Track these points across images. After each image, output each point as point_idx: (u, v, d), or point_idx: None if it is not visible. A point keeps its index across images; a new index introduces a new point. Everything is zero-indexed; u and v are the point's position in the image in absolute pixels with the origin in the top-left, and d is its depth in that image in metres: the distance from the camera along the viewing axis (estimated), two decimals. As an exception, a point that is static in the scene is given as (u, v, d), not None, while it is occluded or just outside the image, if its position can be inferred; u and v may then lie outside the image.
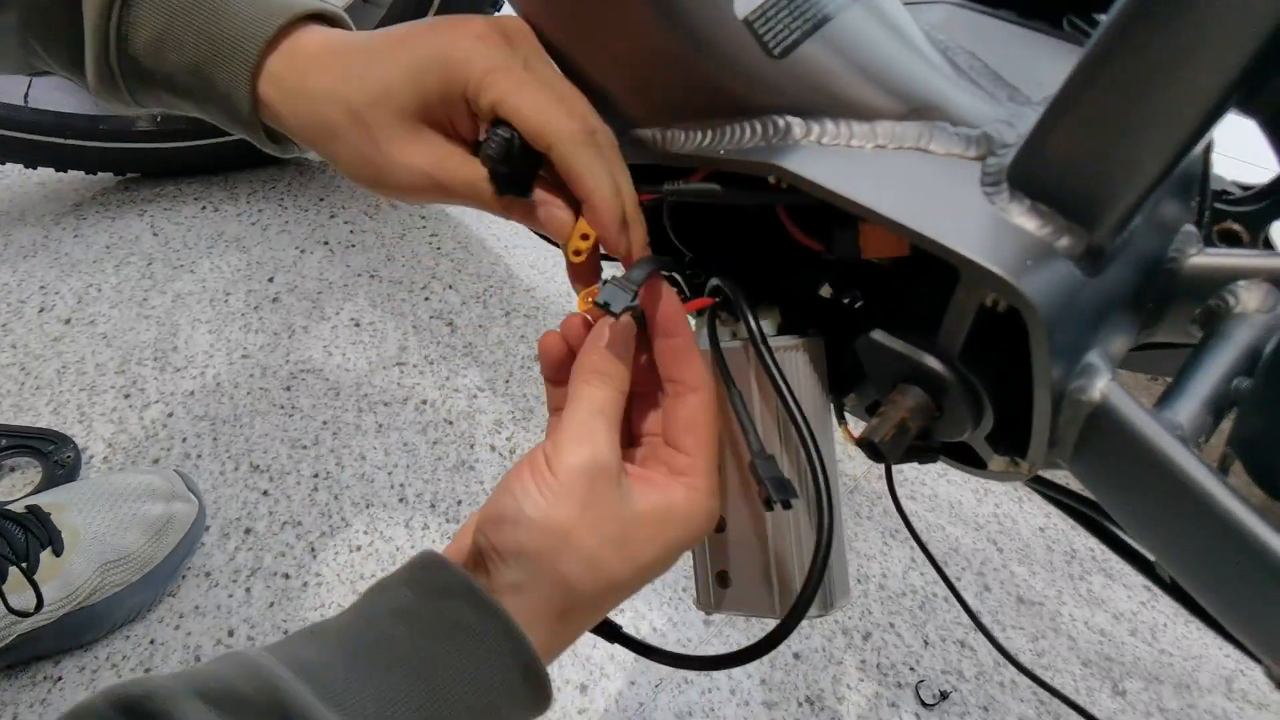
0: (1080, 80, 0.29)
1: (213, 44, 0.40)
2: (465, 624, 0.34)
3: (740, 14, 0.35)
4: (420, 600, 0.34)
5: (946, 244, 0.31)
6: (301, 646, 0.32)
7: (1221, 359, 0.33)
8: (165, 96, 0.42)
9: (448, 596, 0.34)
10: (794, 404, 0.39)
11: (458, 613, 0.34)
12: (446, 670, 0.33)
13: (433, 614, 0.34)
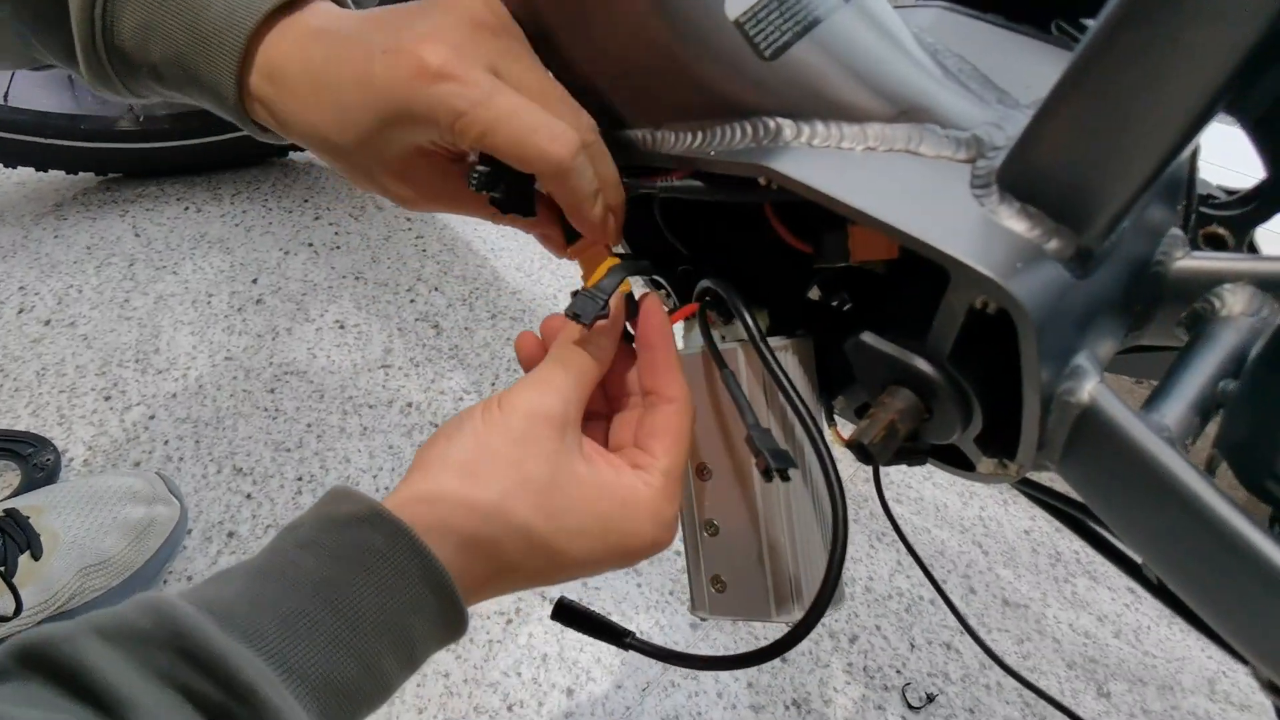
0: (1069, 84, 0.30)
1: (196, 35, 0.39)
2: (371, 546, 0.33)
3: (731, 15, 0.35)
4: (325, 529, 0.33)
5: (936, 246, 0.31)
6: (207, 586, 0.31)
7: (1208, 362, 0.33)
8: (153, 85, 0.42)
9: (353, 522, 0.33)
10: (796, 396, 0.39)
11: (363, 536, 0.33)
12: (353, 591, 0.32)
13: (337, 539, 0.33)
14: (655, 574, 0.84)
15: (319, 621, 0.31)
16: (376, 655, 0.32)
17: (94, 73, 0.41)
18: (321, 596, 0.31)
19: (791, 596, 0.42)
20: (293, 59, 0.39)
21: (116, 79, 0.41)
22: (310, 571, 0.32)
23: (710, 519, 0.44)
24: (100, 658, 0.26)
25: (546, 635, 0.78)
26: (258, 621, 0.29)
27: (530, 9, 0.39)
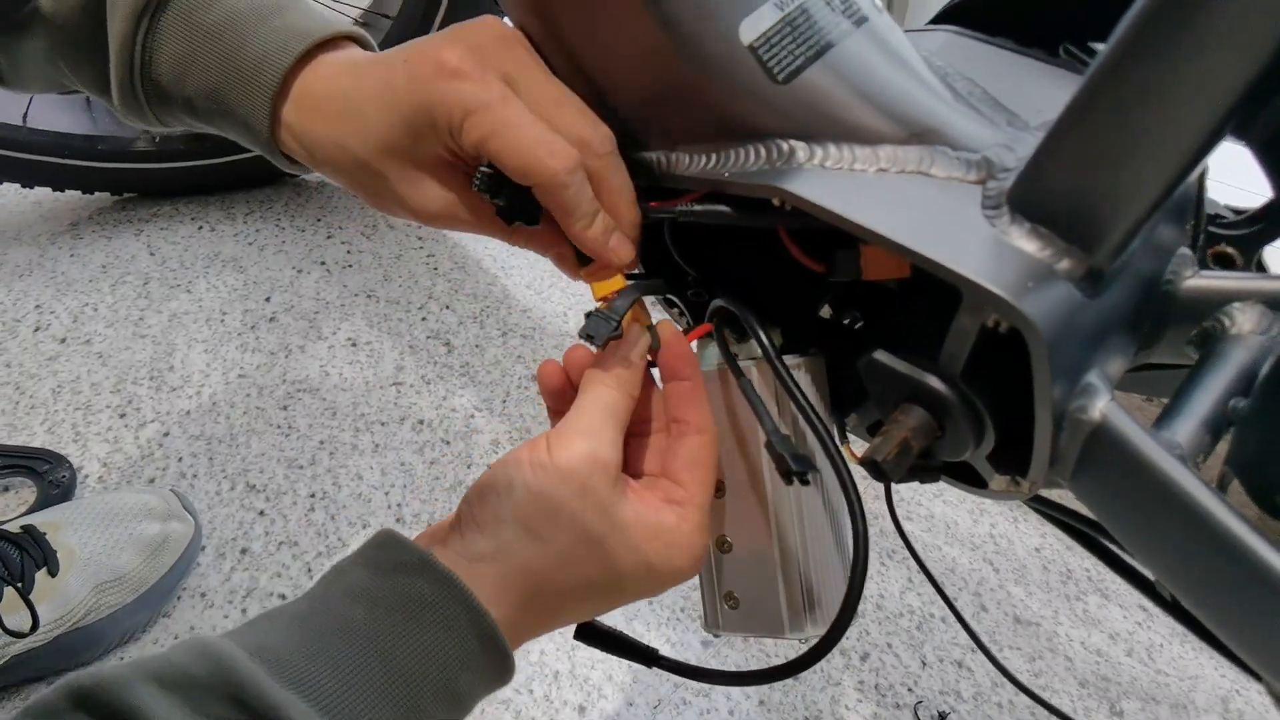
0: (1079, 107, 0.30)
1: (233, 72, 0.40)
2: (422, 598, 0.33)
3: (745, 40, 0.35)
4: (376, 578, 0.34)
5: (949, 266, 0.31)
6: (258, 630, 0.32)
7: (1218, 379, 0.33)
8: (186, 118, 0.43)
9: (404, 572, 0.34)
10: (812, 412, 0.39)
11: (414, 587, 0.33)
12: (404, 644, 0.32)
13: (388, 590, 0.33)
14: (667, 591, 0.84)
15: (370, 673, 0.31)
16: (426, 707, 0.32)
17: (127, 103, 0.42)
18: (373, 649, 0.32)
19: (805, 614, 0.42)
20: (323, 86, 0.40)
21: (149, 109, 0.43)
22: (361, 623, 0.32)
23: (724, 536, 0.44)
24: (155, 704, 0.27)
25: (558, 652, 0.78)
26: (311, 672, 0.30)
27: (550, 33, 0.40)
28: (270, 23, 0.41)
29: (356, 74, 0.40)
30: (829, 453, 0.38)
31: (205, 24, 0.41)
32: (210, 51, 0.40)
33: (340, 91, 0.40)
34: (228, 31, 0.40)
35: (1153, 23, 0.27)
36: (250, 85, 0.40)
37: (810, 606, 0.43)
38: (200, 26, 0.41)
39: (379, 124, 0.38)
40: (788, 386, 0.39)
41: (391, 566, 0.34)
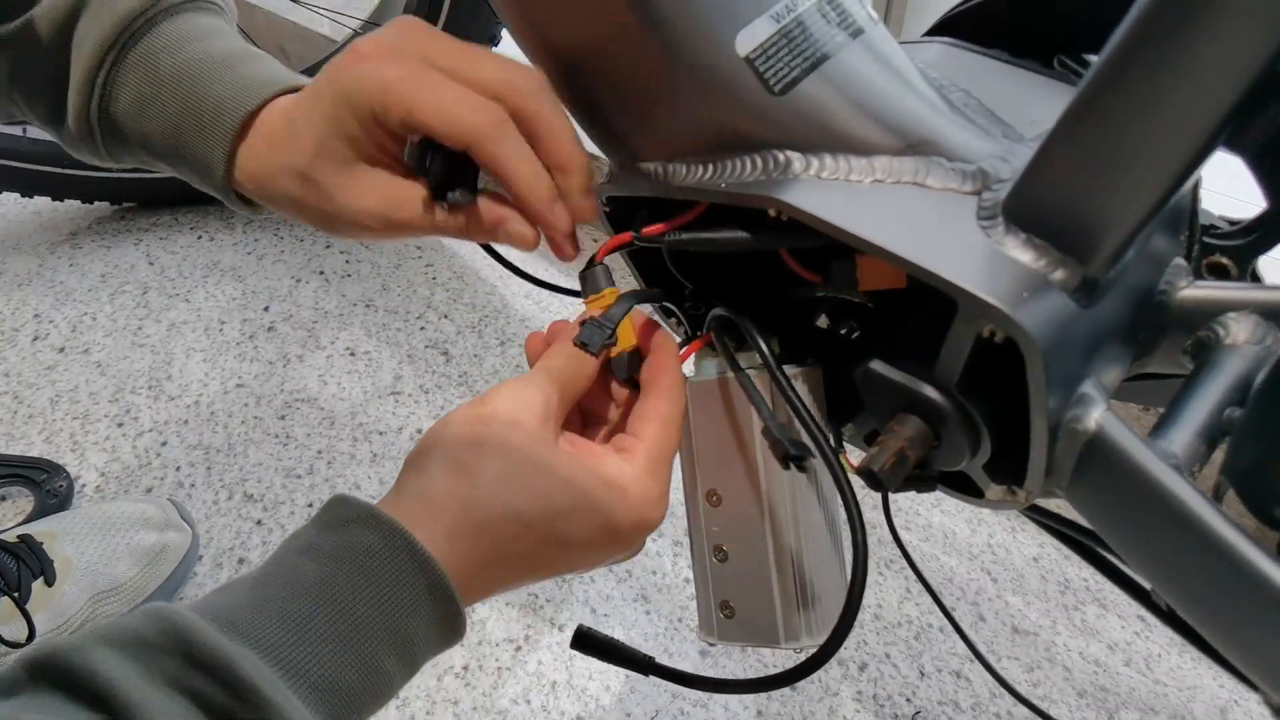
0: (1073, 119, 0.30)
1: (193, 115, 0.42)
2: (369, 548, 0.33)
3: (742, 52, 0.36)
4: (324, 533, 0.34)
5: (945, 276, 0.31)
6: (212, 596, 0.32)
7: (1213, 389, 0.34)
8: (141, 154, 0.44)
9: (351, 525, 0.34)
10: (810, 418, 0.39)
11: (361, 538, 0.33)
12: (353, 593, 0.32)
13: (336, 543, 0.34)
14: (664, 601, 0.84)
15: (320, 622, 0.31)
16: (377, 655, 0.32)
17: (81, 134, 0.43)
18: (322, 598, 0.32)
19: (800, 624, 0.42)
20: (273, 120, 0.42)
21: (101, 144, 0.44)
22: (310, 575, 0.32)
23: (720, 544, 0.44)
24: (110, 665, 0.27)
25: (555, 663, 0.78)
26: (260, 625, 0.30)
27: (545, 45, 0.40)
28: (235, 70, 0.42)
29: (297, 99, 0.41)
30: (827, 460, 0.38)
31: (170, 67, 0.42)
32: (173, 94, 0.42)
33: (286, 119, 0.41)
34: (192, 77, 0.42)
35: (1145, 35, 0.28)
36: (209, 129, 0.41)
37: (806, 617, 0.43)
38: (165, 69, 0.42)
39: (309, 129, 0.39)
40: (785, 393, 0.39)
41: (339, 522, 0.34)
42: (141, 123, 0.42)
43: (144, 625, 0.29)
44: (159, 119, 0.42)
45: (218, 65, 0.42)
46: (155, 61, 0.42)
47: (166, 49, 0.42)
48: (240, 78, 0.42)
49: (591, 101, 0.41)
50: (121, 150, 0.44)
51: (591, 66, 0.39)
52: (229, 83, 0.42)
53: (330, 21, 1.39)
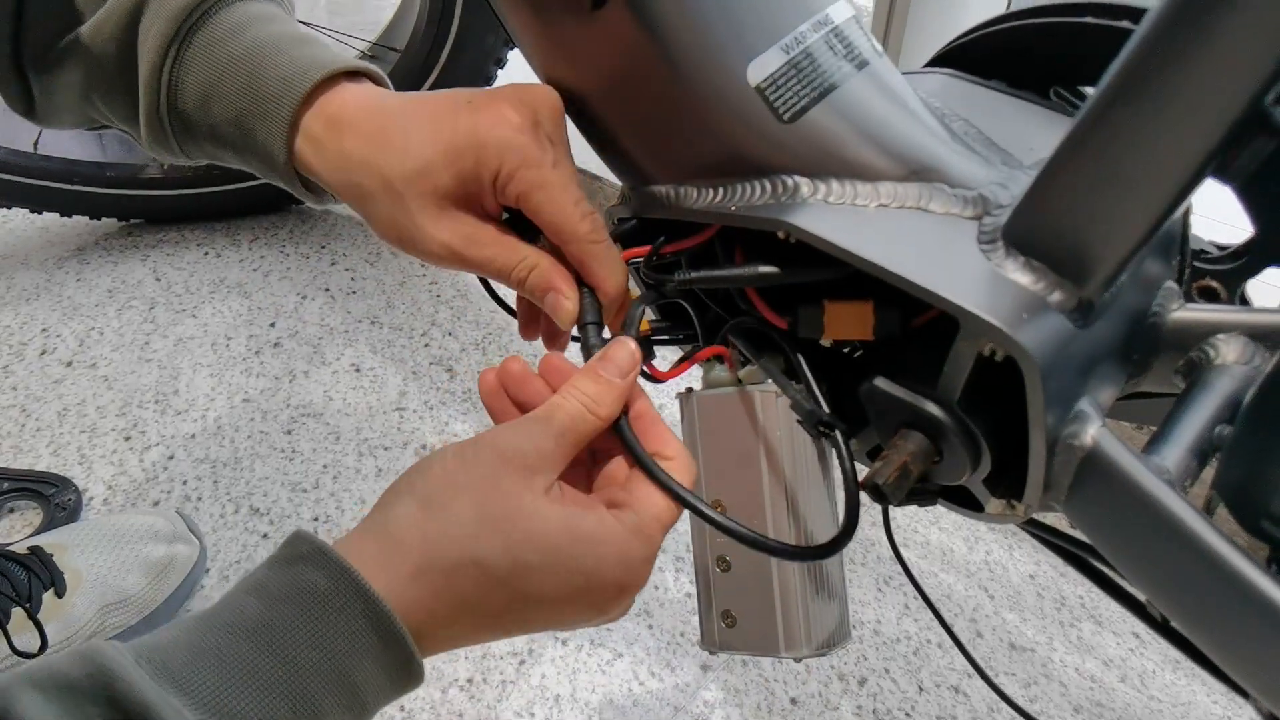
0: (1069, 148, 0.32)
1: (253, 99, 0.42)
2: (315, 588, 0.32)
3: (753, 82, 0.37)
4: (273, 571, 0.33)
5: (948, 297, 0.33)
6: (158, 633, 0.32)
7: (1204, 407, 0.35)
8: (209, 147, 0.44)
9: (298, 563, 0.33)
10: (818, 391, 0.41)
11: (307, 577, 0.32)
12: (295, 636, 0.31)
13: (282, 582, 0.33)
14: (666, 616, 0.85)
15: (256, 667, 0.30)
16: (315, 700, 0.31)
17: (154, 134, 0.44)
18: (260, 641, 0.31)
19: (801, 633, 0.44)
20: (361, 105, 0.41)
21: (174, 140, 0.44)
22: (252, 616, 0.32)
23: (723, 554, 0.45)
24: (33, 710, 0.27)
25: (559, 676, 0.79)
26: (193, 669, 0.30)
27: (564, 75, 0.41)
28: (292, 52, 0.42)
29: (408, 100, 0.41)
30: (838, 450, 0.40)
31: (230, 53, 0.42)
32: (233, 81, 0.42)
33: (383, 110, 0.41)
34: (251, 59, 0.42)
35: (1138, 73, 0.29)
36: (272, 107, 0.41)
37: (806, 627, 0.44)
38: (224, 56, 0.42)
39: (423, 147, 0.40)
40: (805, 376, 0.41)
41: (289, 559, 0.33)
42: (207, 114, 0.42)
43: (72, 667, 0.28)
44: (223, 107, 0.42)
45: (274, 48, 0.42)
46: (215, 50, 0.42)
47: (225, 37, 0.42)
48: (297, 59, 0.42)
49: (606, 126, 0.42)
50: (193, 145, 0.44)
51: (607, 94, 0.41)
52: (286, 64, 0.41)
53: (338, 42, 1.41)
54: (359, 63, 0.44)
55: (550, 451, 0.36)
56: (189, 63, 0.42)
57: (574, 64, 0.41)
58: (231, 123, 0.42)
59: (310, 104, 0.41)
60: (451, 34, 1.14)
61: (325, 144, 0.41)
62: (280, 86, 0.41)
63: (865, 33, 0.40)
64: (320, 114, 0.41)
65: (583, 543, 0.35)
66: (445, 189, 0.40)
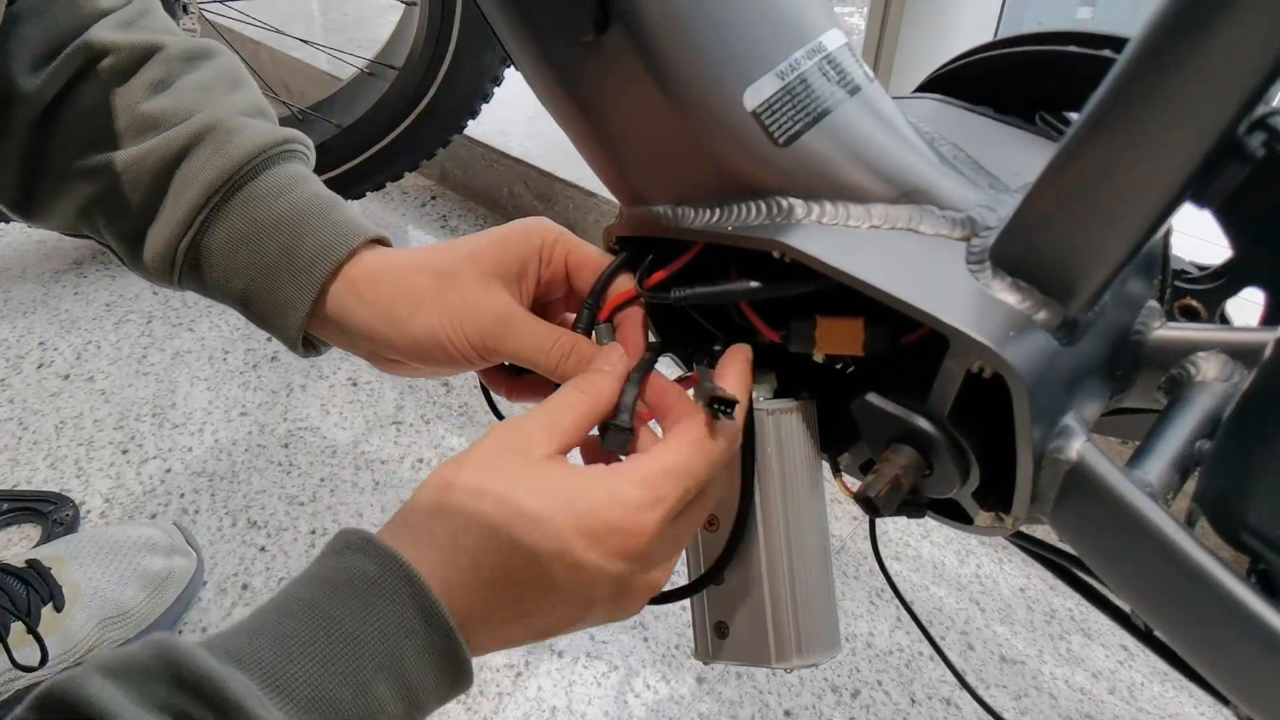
0: (1055, 173, 0.33)
1: (289, 257, 0.45)
2: (364, 573, 0.34)
3: (749, 107, 0.38)
4: (324, 561, 0.36)
5: (938, 316, 0.34)
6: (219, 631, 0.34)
7: (1185, 423, 0.36)
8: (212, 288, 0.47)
9: (348, 551, 0.35)
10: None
11: (356, 563, 0.35)
12: (346, 617, 0.33)
13: (333, 569, 0.35)
14: (661, 629, 0.85)
15: (310, 643, 0.32)
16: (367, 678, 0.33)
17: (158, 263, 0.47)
18: (314, 621, 0.33)
19: (792, 644, 0.44)
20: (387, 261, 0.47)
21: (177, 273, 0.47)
22: (306, 599, 0.34)
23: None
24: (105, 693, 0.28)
25: (555, 688, 0.79)
26: (251, 646, 0.32)
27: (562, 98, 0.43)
28: (328, 216, 0.47)
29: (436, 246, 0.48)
30: None
31: (271, 212, 0.46)
32: (272, 237, 0.46)
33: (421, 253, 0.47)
34: (291, 221, 0.46)
35: (1119, 100, 0.31)
36: (304, 270, 0.45)
37: (797, 638, 0.45)
38: (267, 214, 0.46)
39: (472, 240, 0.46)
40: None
41: (337, 549, 0.36)
42: (232, 261, 0.46)
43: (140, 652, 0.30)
44: (253, 258, 0.45)
45: (313, 212, 0.46)
46: (258, 206, 0.46)
47: (268, 195, 0.46)
48: (334, 224, 0.46)
49: (604, 147, 0.43)
50: (193, 282, 0.48)
51: (606, 116, 0.42)
52: (324, 231, 0.46)
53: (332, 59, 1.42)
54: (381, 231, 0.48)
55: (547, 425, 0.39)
56: (229, 212, 0.46)
57: (573, 86, 0.42)
58: (259, 273, 0.46)
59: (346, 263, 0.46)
60: (449, 52, 1.15)
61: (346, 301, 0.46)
62: (319, 251, 0.46)
63: (857, 59, 0.41)
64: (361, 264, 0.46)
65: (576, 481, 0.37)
66: (492, 269, 0.45)
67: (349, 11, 1.93)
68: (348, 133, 1.25)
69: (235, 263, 0.46)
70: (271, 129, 0.48)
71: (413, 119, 1.22)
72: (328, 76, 1.58)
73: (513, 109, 1.45)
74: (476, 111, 1.24)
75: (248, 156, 0.46)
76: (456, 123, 1.24)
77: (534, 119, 1.48)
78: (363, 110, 1.25)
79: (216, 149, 0.46)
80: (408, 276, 0.45)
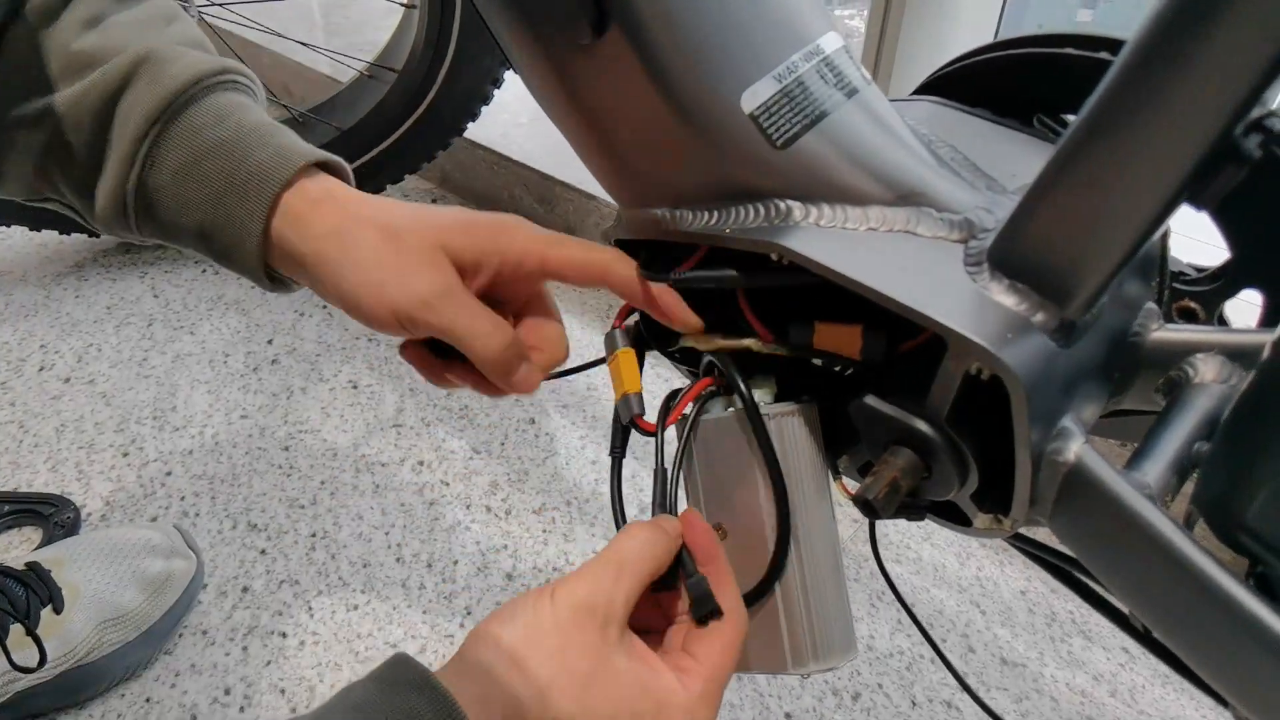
0: (1051, 175, 0.33)
1: (232, 181, 0.43)
2: (417, 713, 0.34)
3: (747, 110, 0.38)
4: (377, 692, 0.35)
5: (936, 318, 0.34)
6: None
7: (1183, 425, 0.36)
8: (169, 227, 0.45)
9: (405, 689, 0.35)
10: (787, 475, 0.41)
11: (412, 705, 0.34)
12: None
13: (386, 705, 0.34)
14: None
15: None
16: None
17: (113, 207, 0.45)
18: None
19: (807, 650, 0.44)
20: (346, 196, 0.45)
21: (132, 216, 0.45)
22: None
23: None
24: None
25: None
26: None
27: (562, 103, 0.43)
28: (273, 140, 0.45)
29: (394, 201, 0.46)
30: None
31: (213, 138, 0.44)
32: (214, 164, 0.43)
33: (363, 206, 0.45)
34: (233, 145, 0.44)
35: (1116, 102, 0.31)
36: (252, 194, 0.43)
37: (811, 643, 0.44)
38: (208, 140, 0.44)
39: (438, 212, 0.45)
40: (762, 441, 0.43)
41: (393, 682, 0.35)
42: (181, 192, 0.44)
43: None
44: (199, 187, 0.44)
45: (254, 136, 0.44)
46: (198, 134, 0.44)
47: (209, 123, 0.44)
48: (278, 146, 0.44)
49: (603, 149, 0.44)
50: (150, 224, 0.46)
51: (604, 119, 0.42)
52: (264, 154, 0.44)
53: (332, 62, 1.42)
54: (329, 155, 0.46)
55: (620, 598, 0.39)
56: (170, 142, 0.44)
57: (572, 89, 0.43)
58: (208, 202, 0.44)
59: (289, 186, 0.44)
60: (449, 55, 1.16)
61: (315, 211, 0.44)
62: (262, 172, 0.43)
63: (855, 62, 0.42)
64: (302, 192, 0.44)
65: (655, 706, 0.37)
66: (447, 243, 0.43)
67: (349, 15, 1.93)
68: (348, 136, 1.25)
69: (184, 196, 0.44)
70: (210, 58, 0.46)
71: (413, 122, 1.23)
72: (328, 79, 1.58)
73: (512, 112, 1.45)
74: (476, 114, 1.24)
75: (185, 84, 0.44)
76: (456, 125, 1.25)
77: (534, 122, 1.48)
78: (363, 113, 1.25)
79: (153, 80, 0.44)
80: (348, 220, 0.43)
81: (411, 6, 1.24)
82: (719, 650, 0.40)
